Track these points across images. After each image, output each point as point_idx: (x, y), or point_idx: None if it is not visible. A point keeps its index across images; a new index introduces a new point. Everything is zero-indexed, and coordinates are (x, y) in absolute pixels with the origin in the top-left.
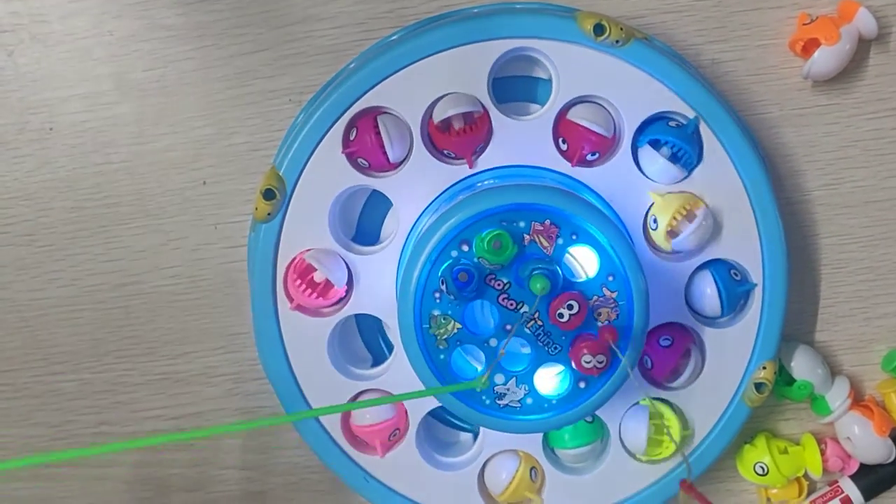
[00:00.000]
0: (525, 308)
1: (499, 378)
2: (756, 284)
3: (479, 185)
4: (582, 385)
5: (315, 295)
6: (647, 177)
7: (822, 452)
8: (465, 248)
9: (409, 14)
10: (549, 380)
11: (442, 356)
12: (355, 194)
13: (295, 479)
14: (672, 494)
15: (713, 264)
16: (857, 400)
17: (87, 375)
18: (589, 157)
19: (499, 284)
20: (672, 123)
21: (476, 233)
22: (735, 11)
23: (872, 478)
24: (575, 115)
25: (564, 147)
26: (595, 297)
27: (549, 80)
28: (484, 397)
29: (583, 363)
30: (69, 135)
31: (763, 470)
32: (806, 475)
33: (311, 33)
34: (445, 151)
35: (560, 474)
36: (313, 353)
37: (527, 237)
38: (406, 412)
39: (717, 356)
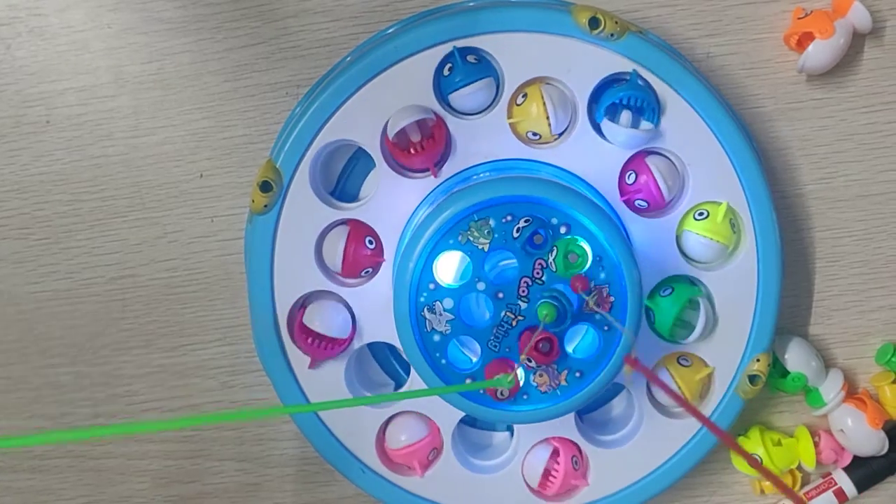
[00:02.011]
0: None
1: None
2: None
3: (475, 177)
4: (606, 329)
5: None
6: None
7: (816, 445)
8: (461, 238)
9: (405, 7)
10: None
11: (438, 354)
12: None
13: (291, 471)
14: (708, 448)
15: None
16: (851, 393)
17: (83, 368)
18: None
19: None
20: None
21: (490, 217)
22: (730, 5)
23: (865, 470)
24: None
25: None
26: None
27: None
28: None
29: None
30: (66, 128)
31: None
32: (799, 467)
33: (308, 26)
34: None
35: (600, 451)
36: None
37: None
38: (438, 428)
39: (711, 348)
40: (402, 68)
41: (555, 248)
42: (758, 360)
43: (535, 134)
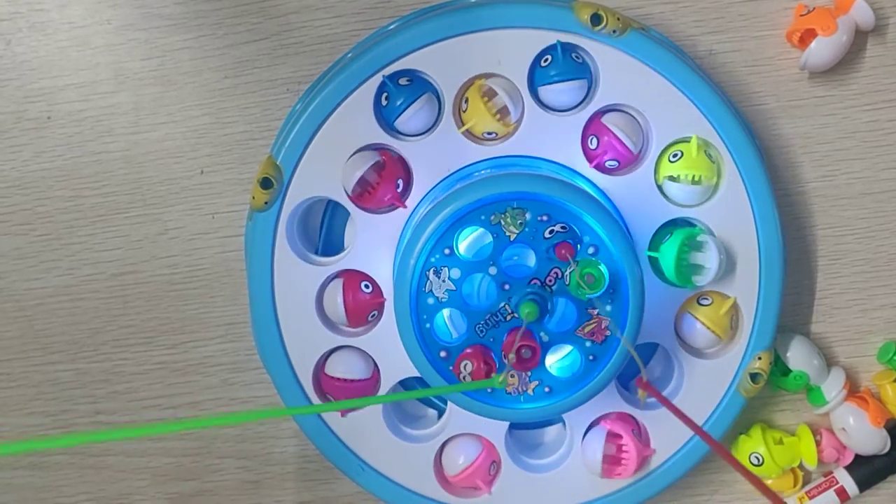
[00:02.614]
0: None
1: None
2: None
3: (477, 174)
4: (591, 359)
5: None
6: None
7: (818, 443)
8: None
9: (406, 4)
10: (558, 362)
11: (425, 316)
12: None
13: (291, 469)
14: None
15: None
16: (853, 391)
17: (84, 365)
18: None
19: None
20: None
21: (494, 213)
22: (732, 2)
23: (867, 469)
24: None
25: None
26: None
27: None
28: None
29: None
30: (67, 124)
31: (758, 460)
32: (801, 466)
33: (309, 23)
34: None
35: (518, 469)
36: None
37: (438, 294)
38: (490, 443)
39: (711, 355)
40: (402, 65)
41: (576, 263)
42: (759, 358)
43: (489, 133)
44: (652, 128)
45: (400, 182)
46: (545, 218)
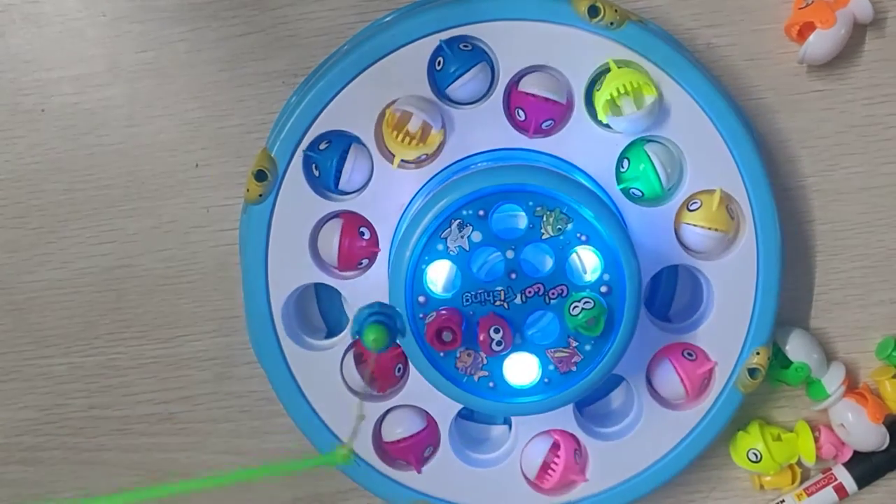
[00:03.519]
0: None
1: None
2: None
3: (473, 166)
4: (546, 382)
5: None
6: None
7: (816, 439)
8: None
9: None
10: (592, 265)
11: (427, 258)
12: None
13: None
14: (707, 443)
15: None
16: (852, 387)
17: (77, 359)
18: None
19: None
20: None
21: (490, 210)
22: None
23: (866, 465)
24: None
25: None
26: (542, 226)
27: None
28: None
29: (444, 339)
30: (61, 116)
31: (756, 457)
32: (799, 462)
33: (305, 15)
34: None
35: (599, 443)
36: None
37: (450, 249)
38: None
39: (710, 341)
40: (398, 57)
41: (584, 302)
42: (757, 354)
43: (420, 157)
44: (688, 169)
45: (364, 230)
46: (583, 237)
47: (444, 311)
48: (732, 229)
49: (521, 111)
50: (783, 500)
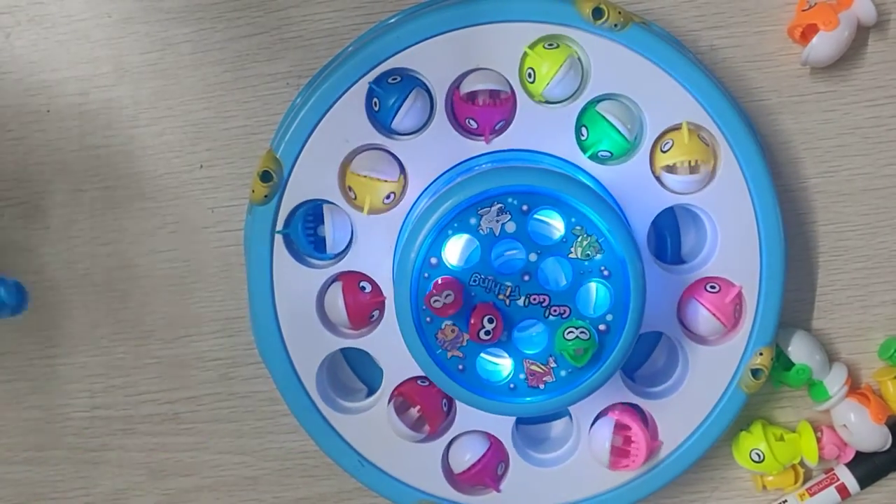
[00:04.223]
0: (510, 289)
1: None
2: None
3: (476, 168)
4: (606, 273)
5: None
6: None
7: (819, 440)
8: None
9: None
10: (594, 299)
11: (449, 232)
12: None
13: (289, 465)
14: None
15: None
16: (854, 388)
17: (81, 358)
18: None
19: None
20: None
21: (478, 214)
22: None
23: (868, 465)
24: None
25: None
26: (573, 248)
27: None
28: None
29: (433, 304)
30: (66, 117)
31: (759, 457)
32: (802, 462)
33: (309, 16)
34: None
35: (658, 402)
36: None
37: (481, 228)
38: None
39: (726, 268)
40: (403, 58)
41: (581, 331)
42: (761, 354)
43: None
44: (651, 121)
45: (364, 284)
46: (606, 273)
47: (450, 279)
48: (710, 158)
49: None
50: (786, 501)
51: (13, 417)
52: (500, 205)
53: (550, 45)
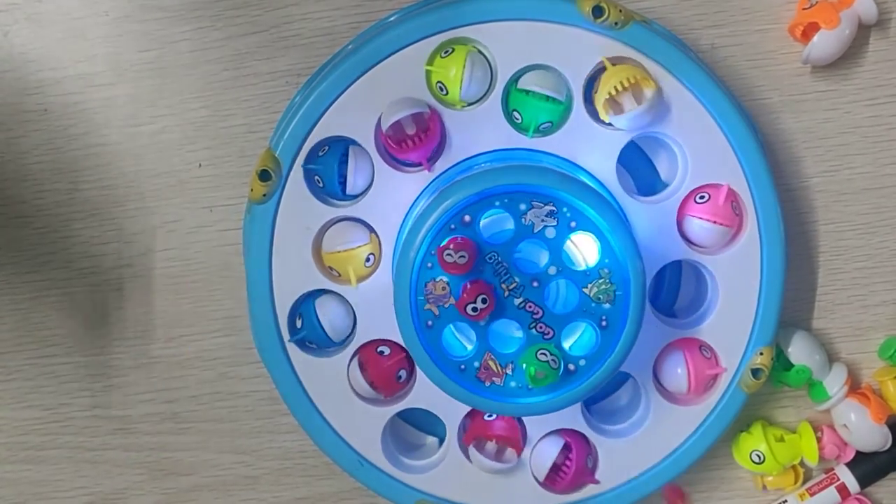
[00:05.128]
0: (515, 285)
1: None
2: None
3: (477, 167)
4: (604, 323)
5: None
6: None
7: (819, 440)
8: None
9: None
10: (576, 340)
11: (433, 333)
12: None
13: (288, 464)
14: (710, 443)
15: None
16: (854, 388)
17: (80, 358)
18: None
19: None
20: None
21: (478, 214)
22: None
23: (868, 465)
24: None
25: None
26: (591, 284)
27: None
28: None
29: (444, 257)
30: (64, 116)
31: (759, 457)
32: (802, 463)
33: (309, 15)
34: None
35: (608, 441)
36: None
37: (525, 217)
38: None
39: (713, 342)
40: (402, 57)
41: (553, 360)
42: (761, 354)
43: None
44: (690, 167)
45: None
46: (604, 324)
47: (472, 243)
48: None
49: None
50: (786, 501)
51: (13, 417)
52: (553, 208)
53: (446, 52)
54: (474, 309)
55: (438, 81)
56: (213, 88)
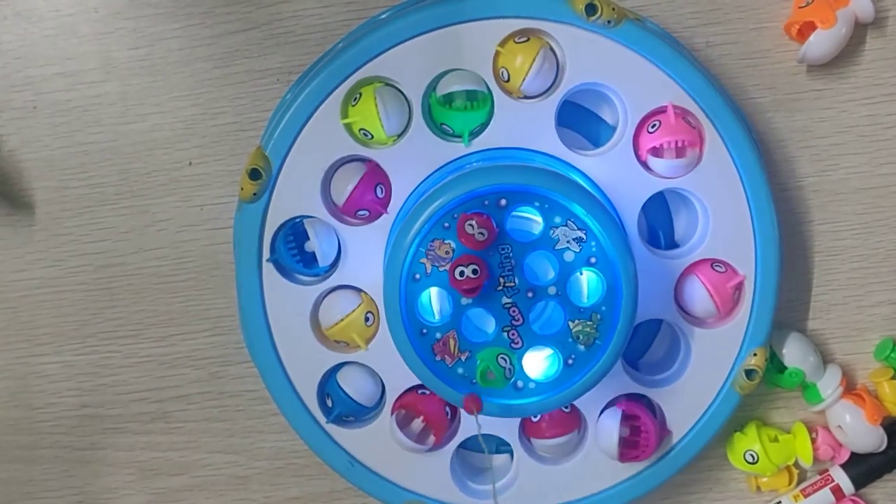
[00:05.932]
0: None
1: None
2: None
3: (468, 166)
4: (570, 361)
5: None
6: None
7: (813, 441)
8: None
9: None
10: (538, 363)
11: (415, 287)
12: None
13: (280, 464)
14: (703, 443)
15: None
16: (849, 388)
17: (70, 357)
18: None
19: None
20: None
21: (515, 205)
22: None
23: (863, 467)
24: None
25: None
26: (578, 321)
27: None
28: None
29: (465, 226)
30: (53, 113)
31: (753, 458)
32: (796, 464)
33: (300, 12)
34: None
35: (663, 390)
36: (298, 336)
37: (555, 231)
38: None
39: (707, 343)
40: (394, 55)
41: (510, 368)
42: (755, 355)
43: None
44: (618, 94)
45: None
46: (571, 362)
47: (495, 229)
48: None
49: None
50: (780, 502)
51: (2, 416)
52: (584, 236)
53: (354, 99)
54: (461, 273)
55: (361, 129)
56: (203, 86)
